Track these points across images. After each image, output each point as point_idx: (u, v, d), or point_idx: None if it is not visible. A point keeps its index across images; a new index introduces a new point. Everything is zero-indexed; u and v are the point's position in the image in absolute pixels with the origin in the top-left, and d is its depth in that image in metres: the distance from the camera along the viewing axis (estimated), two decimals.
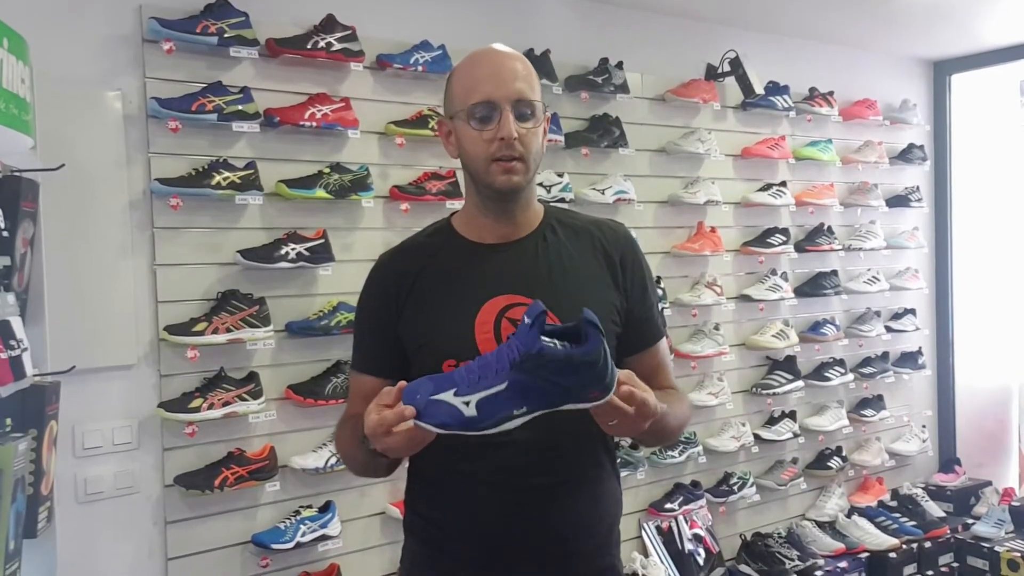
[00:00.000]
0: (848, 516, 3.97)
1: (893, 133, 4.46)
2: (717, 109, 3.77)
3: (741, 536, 3.72)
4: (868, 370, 4.23)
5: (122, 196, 2.45)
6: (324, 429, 2.73)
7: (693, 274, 3.69)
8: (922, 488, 4.35)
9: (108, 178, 2.42)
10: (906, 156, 4.49)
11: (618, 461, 1.57)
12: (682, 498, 3.52)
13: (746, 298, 3.79)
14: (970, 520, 4.16)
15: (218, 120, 2.53)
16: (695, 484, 3.61)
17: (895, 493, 4.27)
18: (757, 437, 3.79)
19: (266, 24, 2.67)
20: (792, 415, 3.91)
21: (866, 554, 3.79)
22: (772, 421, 3.88)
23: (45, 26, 2.25)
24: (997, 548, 3.82)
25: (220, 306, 2.54)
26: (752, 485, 3.74)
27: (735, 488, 3.69)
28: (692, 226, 3.68)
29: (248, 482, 2.55)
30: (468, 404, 1.13)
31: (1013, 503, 4.11)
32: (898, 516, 4.06)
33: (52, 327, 1.72)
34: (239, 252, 2.57)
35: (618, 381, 1.18)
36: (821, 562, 3.66)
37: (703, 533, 3.56)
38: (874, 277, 4.26)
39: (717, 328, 3.66)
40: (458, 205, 2.69)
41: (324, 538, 2.67)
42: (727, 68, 3.70)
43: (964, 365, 4.72)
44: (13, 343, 1.42)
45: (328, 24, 2.75)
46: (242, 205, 2.61)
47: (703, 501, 3.61)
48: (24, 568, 1.53)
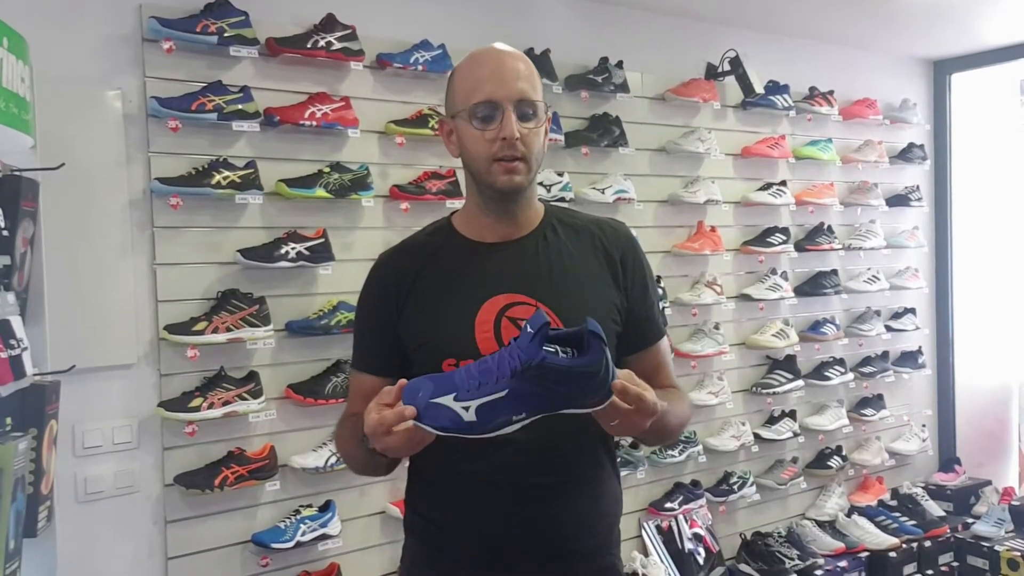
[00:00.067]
0: (848, 515, 3.97)
1: (893, 132, 4.46)
2: (717, 108, 3.77)
3: (741, 535, 3.73)
4: (868, 369, 4.23)
5: (122, 195, 2.45)
6: (324, 428, 2.73)
7: (693, 273, 3.69)
8: (922, 487, 4.35)
9: (108, 177, 2.42)
10: (906, 155, 4.49)
11: (618, 460, 1.56)
12: (682, 497, 3.52)
13: (746, 297, 3.79)
14: (970, 519, 4.15)
15: (218, 119, 2.53)
16: (695, 483, 3.61)
17: (895, 492, 4.27)
18: (757, 436, 3.79)
19: (266, 23, 2.67)
20: (792, 414, 3.91)
21: (866, 553, 3.79)
22: (772, 420, 3.88)
23: (45, 25, 2.25)
24: (997, 547, 3.81)
25: (220, 305, 2.54)
26: (752, 484, 3.74)
27: (735, 487, 3.69)
28: (692, 225, 3.68)
29: (248, 481, 2.55)
30: (468, 409, 1.14)
31: (1013, 502, 4.11)
32: (898, 515, 4.06)
33: (52, 326, 1.72)
34: (239, 251, 2.57)
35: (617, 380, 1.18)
36: (821, 561, 3.66)
37: (703, 532, 3.56)
38: (874, 276, 4.26)
39: (717, 327, 3.66)
40: (458, 204, 2.69)
41: (324, 537, 2.67)
42: (727, 67, 3.70)
43: (964, 364, 4.72)
44: (13, 342, 1.42)
45: (328, 23, 2.75)
46: (242, 204, 2.61)
47: (703, 500, 3.61)
48: (24, 567, 1.53)
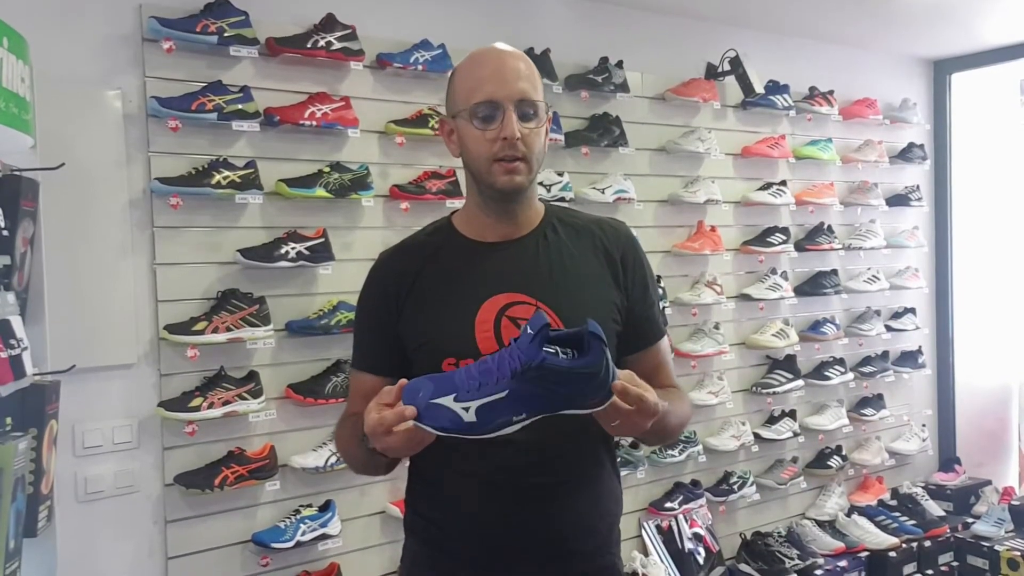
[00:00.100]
0: (848, 515, 3.97)
1: (893, 132, 4.46)
2: (717, 108, 3.77)
3: (741, 535, 3.73)
4: (868, 369, 4.23)
5: (122, 195, 2.45)
6: (324, 428, 2.73)
7: (693, 273, 3.69)
8: (922, 487, 4.35)
9: (108, 177, 2.42)
10: (906, 155, 4.49)
11: (618, 460, 1.56)
12: (682, 497, 3.52)
13: (746, 297, 3.79)
14: (970, 519, 4.16)
15: (218, 119, 2.53)
16: (695, 483, 3.61)
17: (895, 492, 4.27)
18: (757, 436, 3.79)
19: (266, 23, 2.67)
20: (792, 414, 3.91)
21: (866, 553, 3.79)
22: (772, 420, 3.88)
23: (45, 25, 2.25)
24: (997, 547, 3.81)
25: (220, 305, 2.54)
26: (752, 484, 3.74)
27: (735, 487, 3.69)
28: (692, 225, 3.68)
29: (248, 481, 2.55)
30: (468, 410, 1.14)
31: (1013, 502, 4.11)
32: (898, 515, 4.06)
33: (52, 326, 1.71)
34: (239, 251, 2.57)
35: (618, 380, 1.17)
36: (821, 561, 3.66)
37: (703, 532, 3.56)
38: (874, 276, 4.26)
39: (717, 327, 3.65)
40: (458, 204, 2.68)
41: (324, 537, 2.67)
42: (727, 67, 3.70)
43: (964, 364, 4.72)
44: (13, 342, 1.42)
45: (328, 23, 2.74)
46: (242, 204, 2.61)
47: (703, 500, 3.61)
48: (24, 567, 1.53)
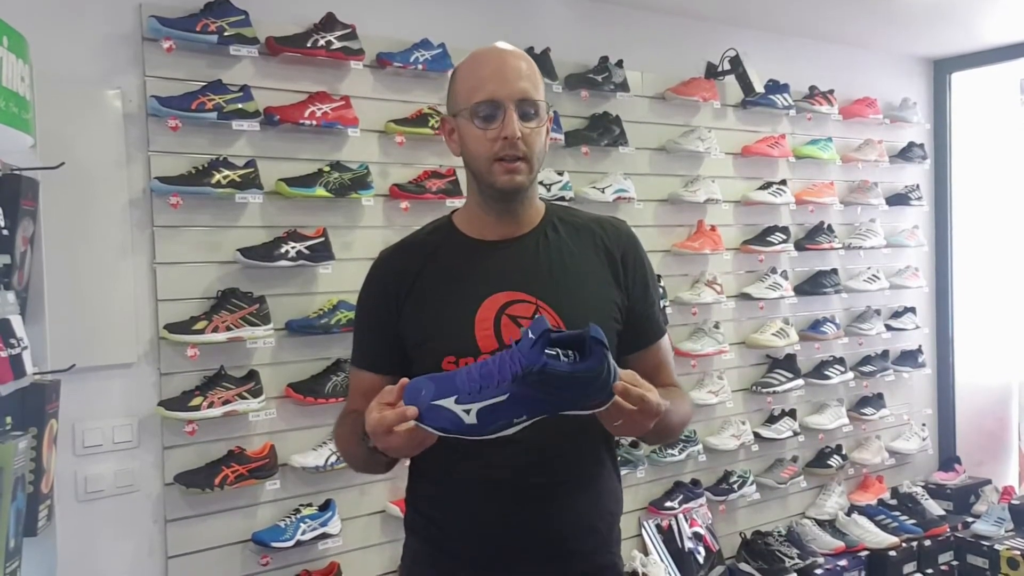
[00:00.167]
0: (848, 514, 3.97)
1: (893, 131, 4.46)
2: (717, 107, 3.77)
3: (741, 534, 3.73)
4: (868, 368, 4.23)
5: (122, 195, 2.45)
6: (324, 427, 2.73)
7: (693, 272, 3.69)
8: (922, 486, 4.35)
9: (108, 177, 2.42)
10: (906, 154, 4.48)
11: (618, 459, 1.56)
12: (682, 496, 3.52)
13: (746, 296, 3.79)
14: (970, 518, 4.16)
15: (218, 118, 2.53)
16: (695, 482, 3.61)
17: (895, 491, 4.27)
18: (757, 435, 3.79)
19: (266, 22, 2.67)
20: (792, 413, 3.91)
21: (866, 552, 3.79)
22: (772, 419, 3.88)
23: (45, 25, 2.25)
24: (997, 546, 3.81)
25: (220, 304, 2.54)
26: (752, 483, 3.74)
27: (735, 486, 3.69)
28: (692, 224, 3.68)
29: (248, 480, 2.55)
30: (469, 412, 1.14)
31: (1013, 501, 4.11)
32: (898, 514, 4.06)
33: (52, 325, 1.71)
34: (239, 250, 2.57)
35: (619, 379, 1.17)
36: (821, 560, 3.66)
37: (703, 531, 3.56)
38: (874, 275, 4.26)
39: (717, 326, 3.66)
40: (458, 203, 2.69)
41: (324, 536, 2.68)
42: (727, 66, 3.70)
43: (964, 363, 4.72)
44: (13, 341, 1.42)
45: (328, 22, 2.74)
46: (242, 203, 2.61)
47: (703, 499, 3.61)
48: (24, 566, 1.53)
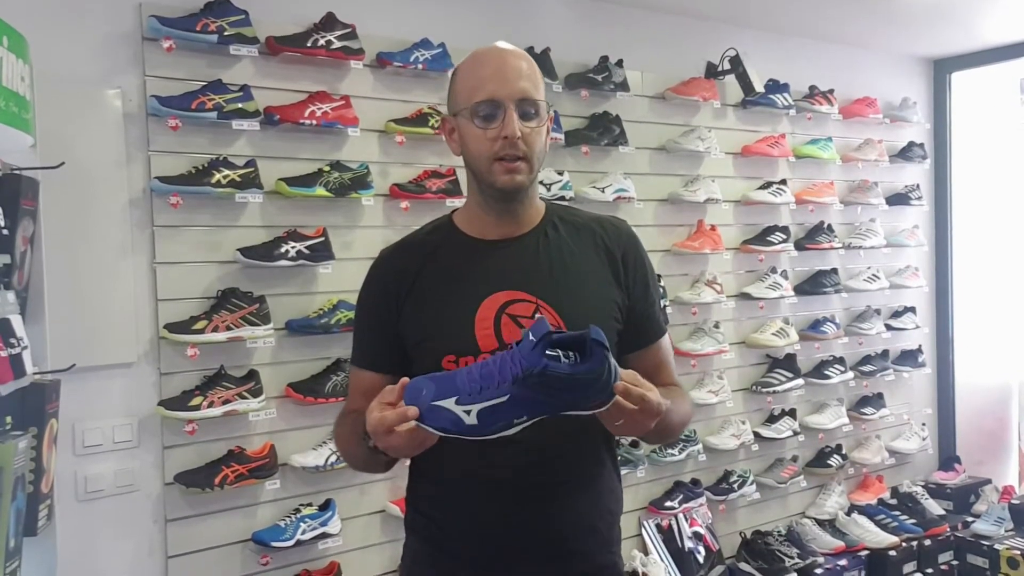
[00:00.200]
0: (848, 514, 3.97)
1: (893, 131, 4.46)
2: (717, 107, 3.77)
3: (741, 534, 3.73)
4: (868, 368, 4.23)
5: (122, 194, 2.45)
6: (324, 427, 2.73)
7: (693, 272, 3.69)
8: (922, 486, 4.35)
9: (108, 176, 2.42)
10: (906, 154, 4.48)
11: (618, 459, 1.56)
12: (682, 496, 3.52)
13: (746, 296, 3.79)
14: (970, 518, 4.16)
15: (218, 118, 2.53)
16: (695, 482, 3.61)
17: (895, 491, 4.27)
18: (757, 435, 3.79)
19: (266, 22, 2.67)
20: (792, 413, 3.91)
21: (866, 552, 3.79)
22: (772, 419, 3.88)
23: (45, 24, 2.25)
24: (997, 546, 3.81)
25: (220, 304, 2.54)
26: (752, 483, 3.74)
27: (735, 486, 3.69)
28: (692, 224, 3.68)
29: (248, 480, 2.55)
30: (469, 413, 1.14)
31: (1013, 501, 4.10)
32: (898, 514, 4.06)
33: (52, 325, 1.71)
34: (239, 250, 2.57)
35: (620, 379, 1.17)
36: (821, 560, 3.66)
37: (703, 531, 3.56)
38: (874, 275, 4.26)
39: (717, 326, 3.66)
40: (458, 203, 2.69)
41: (324, 536, 2.68)
42: (727, 66, 3.70)
43: (964, 363, 4.72)
44: (13, 341, 1.42)
45: (328, 22, 2.74)
46: (242, 203, 2.61)
47: (703, 499, 3.61)
48: (24, 566, 1.53)
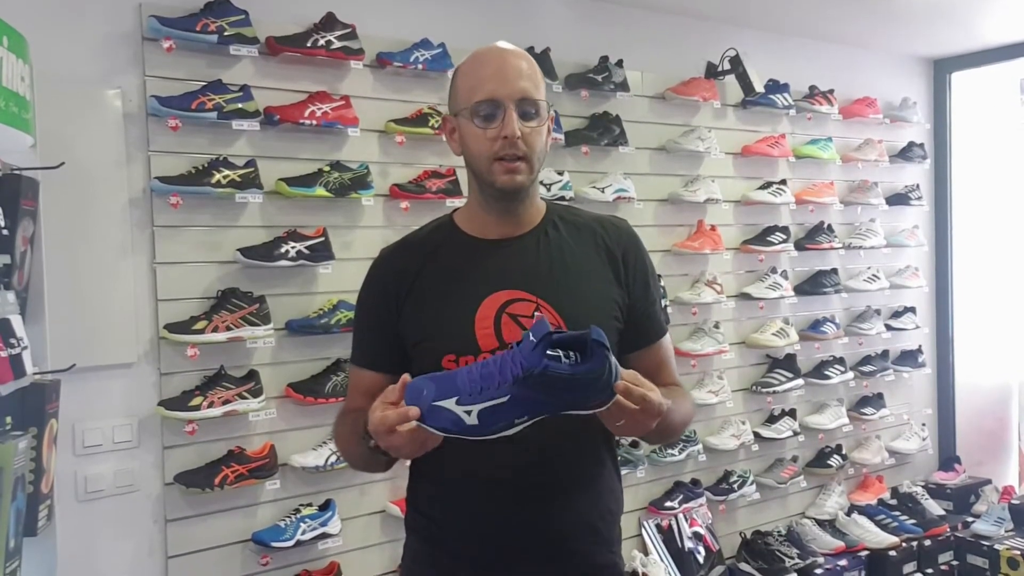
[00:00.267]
0: (848, 514, 3.97)
1: (893, 131, 4.46)
2: (717, 107, 3.77)
3: (741, 534, 3.73)
4: (868, 368, 4.23)
5: (122, 194, 2.45)
6: (324, 427, 2.72)
7: (693, 272, 3.69)
8: (922, 486, 4.35)
9: (108, 176, 2.42)
10: (906, 154, 4.48)
11: (618, 459, 1.56)
12: (682, 496, 3.52)
13: (746, 296, 3.79)
14: (970, 518, 4.16)
15: (218, 118, 2.53)
16: (695, 482, 3.61)
17: (895, 491, 4.26)
18: (757, 435, 3.79)
19: (266, 22, 2.67)
20: (792, 413, 3.91)
21: (866, 552, 3.79)
22: (772, 419, 3.88)
23: (45, 24, 2.25)
24: (997, 546, 3.81)
25: (220, 304, 2.54)
26: (752, 483, 3.74)
27: (735, 486, 3.69)
28: (692, 224, 3.68)
29: (248, 480, 2.55)
30: (470, 413, 1.14)
31: (1013, 501, 4.11)
32: (898, 514, 4.06)
33: (52, 325, 1.71)
34: (239, 250, 2.57)
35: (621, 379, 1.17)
36: (821, 560, 3.66)
37: (703, 531, 3.56)
38: (874, 275, 4.26)
39: (717, 326, 3.66)
40: (458, 203, 2.69)
41: (324, 536, 2.67)
42: (727, 66, 3.70)
43: (964, 363, 4.72)
44: (13, 341, 1.42)
45: (328, 22, 2.74)
46: (242, 203, 2.60)
47: (703, 499, 3.61)
48: (24, 566, 1.53)
